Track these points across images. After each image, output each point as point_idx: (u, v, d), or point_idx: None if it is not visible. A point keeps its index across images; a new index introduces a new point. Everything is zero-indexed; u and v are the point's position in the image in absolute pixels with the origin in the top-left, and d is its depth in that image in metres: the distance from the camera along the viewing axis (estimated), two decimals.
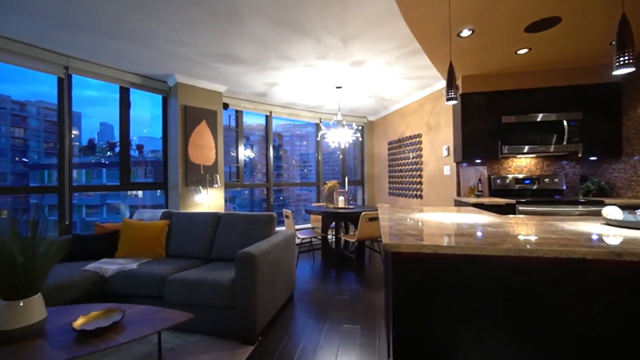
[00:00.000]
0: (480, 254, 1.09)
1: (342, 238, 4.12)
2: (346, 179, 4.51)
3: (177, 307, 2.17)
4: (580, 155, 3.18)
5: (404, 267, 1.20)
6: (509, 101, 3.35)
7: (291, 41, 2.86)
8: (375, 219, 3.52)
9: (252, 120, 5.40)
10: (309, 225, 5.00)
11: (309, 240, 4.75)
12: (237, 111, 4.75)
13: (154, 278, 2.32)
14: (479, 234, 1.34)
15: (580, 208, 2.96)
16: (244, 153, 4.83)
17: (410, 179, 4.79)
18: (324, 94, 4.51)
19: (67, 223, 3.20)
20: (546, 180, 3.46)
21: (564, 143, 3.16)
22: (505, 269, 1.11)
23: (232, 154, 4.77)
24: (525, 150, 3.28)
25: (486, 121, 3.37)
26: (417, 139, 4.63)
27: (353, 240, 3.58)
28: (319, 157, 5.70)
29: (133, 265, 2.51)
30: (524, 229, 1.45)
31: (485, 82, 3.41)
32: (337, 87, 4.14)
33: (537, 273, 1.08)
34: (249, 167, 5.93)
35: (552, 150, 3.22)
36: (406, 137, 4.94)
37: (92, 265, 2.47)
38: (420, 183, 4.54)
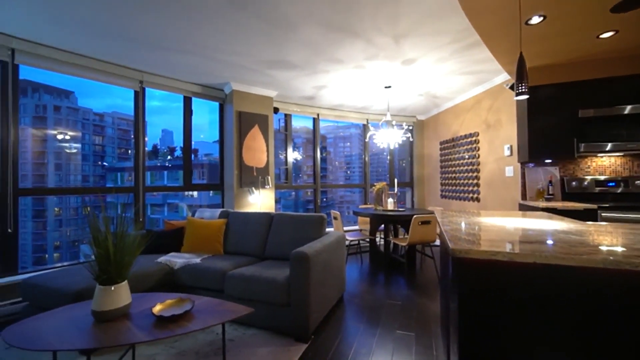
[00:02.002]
0: (564, 265, 0.97)
1: (392, 241, 4.00)
2: (395, 180, 4.38)
3: (236, 301, 2.30)
4: None
5: (472, 275, 1.12)
6: (587, 92, 2.95)
7: (342, 44, 2.87)
8: (427, 222, 3.37)
9: (297, 123, 5.52)
10: (356, 227, 4.96)
11: (356, 242, 4.71)
12: (286, 115, 4.91)
13: (215, 273, 2.49)
14: (560, 242, 1.20)
15: None
16: (291, 155, 4.97)
17: (466, 181, 4.49)
18: (372, 95, 4.45)
19: (140, 219, 3.59)
20: (637, 182, 2.98)
21: None
22: (594, 283, 0.97)
23: (280, 157, 4.94)
24: (608, 148, 2.86)
25: (558, 116, 3.02)
26: (474, 138, 4.33)
27: (404, 244, 3.47)
28: (366, 159, 5.63)
29: (197, 259, 2.73)
30: (617, 238, 1.26)
31: (557, 72, 3.05)
32: (386, 87, 4.06)
33: (637, 291, 0.93)
34: (294, 169, 6.09)
35: None
36: (460, 136, 4.64)
37: (163, 258, 2.74)
38: (477, 185, 4.23)
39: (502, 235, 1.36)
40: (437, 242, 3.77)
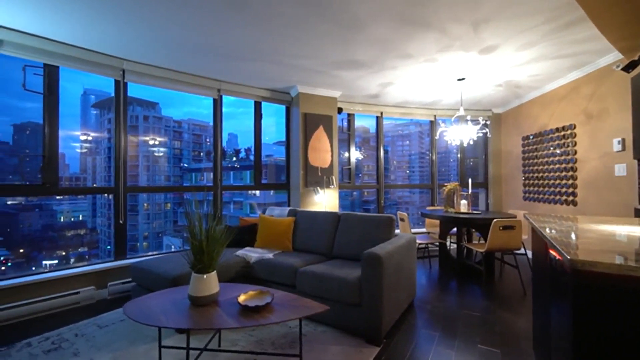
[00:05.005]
0: None
1: (465, 246, 3.69)
2: (469, 180, 4.03)
3: (307, 297, 2.35)
4: None
5: (596, 293, 0.95)
6: None
7: (413, 37, 2.74)
8: (511, 227, 3.01)
9: (356, 122, 5.43)
10: (423, 230, 4.70)
11: (424, 245, 4.46)
12: (349, 114, 4.90)
13: (287, 268, 2.60)
14: None
15: None
16: (354, 155, 4.94)
17: (557, 181, 3.90)
18: (442, 89, 4.16)
19: (219, 216, 3.94)
20: None
21: None
22: None
23: (341, 157, 4.93)
24: None
25: None
26: (568, 131, 3.73)
27: (481, 250, 3.16)
28: (434, 157, 5.30)
29: (270, 255, 2.89)
30: None
31: None
32: (459, 80, 3.75)
33: None
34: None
35: None
36: (550, 130, 4.05)
37: (240, 252, 2.96)
38: (574, 186, 3.63)
39: (633, 246, 1.13)
40: (522, 250, 3.34)
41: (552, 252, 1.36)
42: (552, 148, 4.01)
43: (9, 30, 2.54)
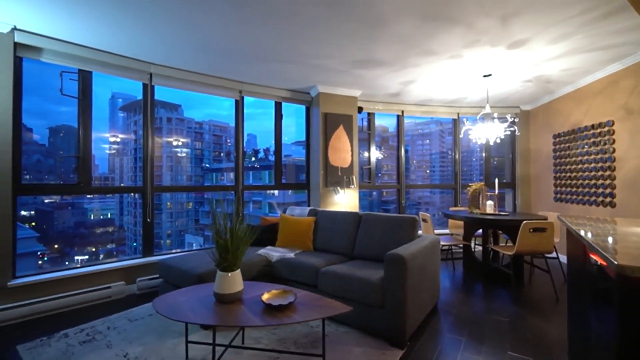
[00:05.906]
0: None
1: (491, 249, 3.55)
2: (496, 180, 3.87)
3: (328, 297, 2.34)
4: None
5: None
6: None
7: (437, 33, 2.67)
8: (542, 229, 2.87)
9: (375, 122, 5.35)
10: (445, 231, 4.57)
11: (447, 247, 4.34)
12: (369, 114, 4.85)
13: (309, 268, 2.60)
14: None
15: None
16: (374, 155, 4.87)
17: (592, 182, 3.67)
18: (466, 86, 4.03)
19: (240, 215, 4.01)
20: None
21: None
22: None
23: (361, 156, 4.87)
24: None
25: None
26: (605, 128, 3.50)
27: (509, 253, 3.03)
28: (457, 157, 5.14)
29: (291, 254, 2.90)
30: None
31: None
32: (485, 76, 3.61)
33: None
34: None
35: None
36: (585, 127, 3.82)
37: (262, 251, 3.00)
38: (611, 187, 3.40)
39: None
40: (553, 254, 3.17)
41: (593, 256, 1.28)
42: (586, 146, 3.78)
43: (48, 39, 2.69)
